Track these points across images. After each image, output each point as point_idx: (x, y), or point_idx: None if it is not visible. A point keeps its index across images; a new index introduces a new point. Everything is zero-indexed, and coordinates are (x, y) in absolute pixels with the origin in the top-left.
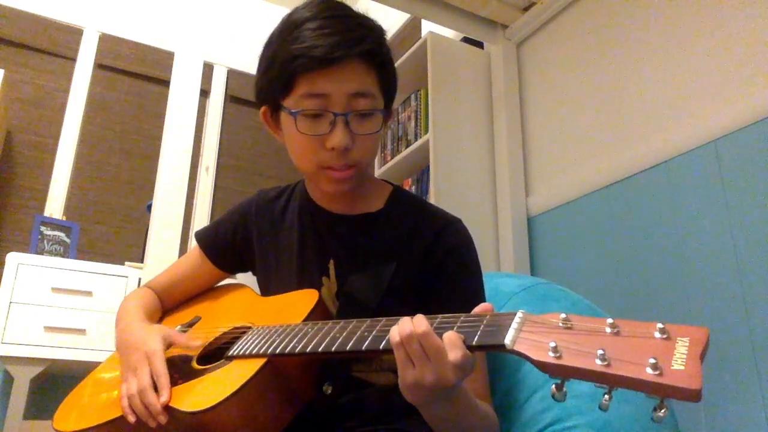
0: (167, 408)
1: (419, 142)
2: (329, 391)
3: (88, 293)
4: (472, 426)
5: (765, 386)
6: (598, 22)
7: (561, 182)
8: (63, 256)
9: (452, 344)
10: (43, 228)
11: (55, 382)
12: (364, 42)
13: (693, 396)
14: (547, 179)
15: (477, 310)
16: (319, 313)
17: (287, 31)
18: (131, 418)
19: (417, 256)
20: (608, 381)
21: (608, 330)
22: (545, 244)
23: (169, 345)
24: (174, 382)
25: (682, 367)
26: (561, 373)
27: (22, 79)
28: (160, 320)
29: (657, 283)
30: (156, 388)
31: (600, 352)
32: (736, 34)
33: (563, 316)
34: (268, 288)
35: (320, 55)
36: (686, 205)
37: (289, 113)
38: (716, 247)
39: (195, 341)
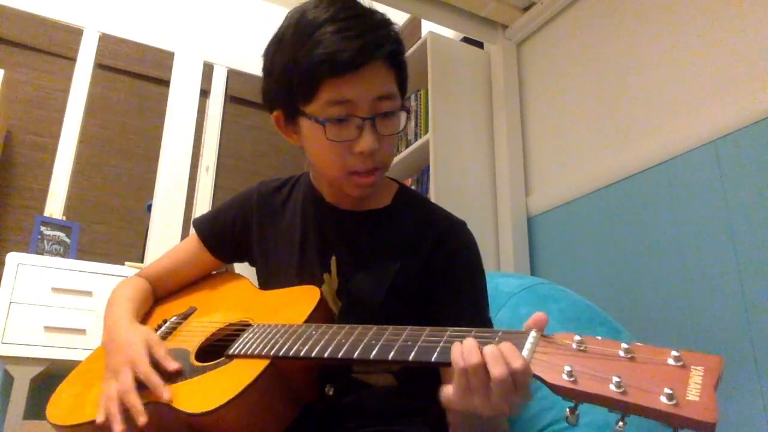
0: (166, 406)
1: (419, 142)
2: (331, 392)
3: (88, 293)
4: None
5: (765, 386)
6: (598, 22)
7: (561, 182)
8: (63, 256)
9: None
10: (43, 228)
11: (55, 382)
12: (386, 44)
13: (708, 429)
14: (547, 179)
15: (529, 323)
16: (321, 312)
17: (303, 34)
18: (100, 419)
19: (421, 257)
20: (623, 408)
21: (623, 354)
22: (545, 244)
23: (149, 353)
24: (173, 380)
25: (697, 398)
26: (576, 398)
27: (22, 79)
28: (152, 309)
29: (657, 283)
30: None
31: (616, 378)
32: (736, 34)
33: (578, 338)
34: (267, 280)
35: (346, 60)
36: (686, 205)
37: (316, 121)
38: (716, 247)
39: (172, 363)
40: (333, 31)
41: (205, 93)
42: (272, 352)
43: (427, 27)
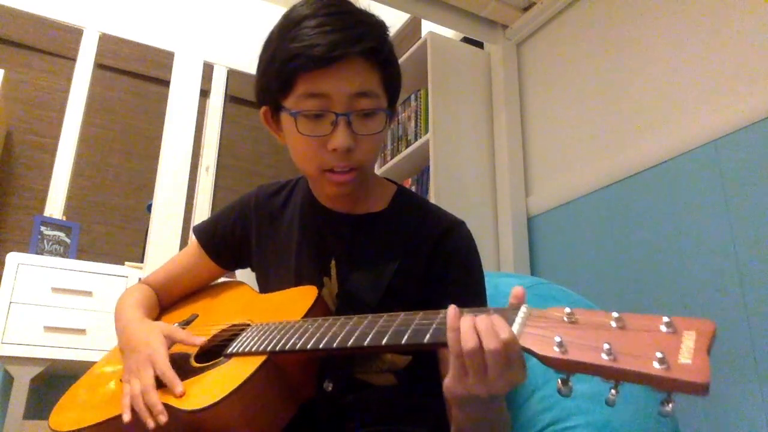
0: (165, 405)
1: (419, 142)
2: (330, 389)
3: (88, 293)
4: (500, 426)
5: (765, 386)
6: (598, 22)
7: (561, 182)
8: (63, 256)
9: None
10: (43, 228)
11: (55, 382)
12: (365, 39)
13: (701, 389)
14: (547, 179)
15: (511, 300)
16: (318, 310)
17: (286, 29)
18: (126, 417)
19: (420, 258)
20: (615, 375)
21: (613, 324)
22: (545, 244)
23: (171, 343)
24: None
25: (689, 361)
26: (567, 368)
27: (22, 79)
28: (157, 318)
29: (657, 283)
30: (162, 388)
31: (606, 346)
32: (736, 35)
33: (567, 310)
34: (267, 285)
35: (320, 54)
36: (686, 205)
37: (290, 114)
38: (716, 247)
39: (198, 337)
40: (312, 26)
41: (205, 93)
42: (269, 348)
43: (427, 27)
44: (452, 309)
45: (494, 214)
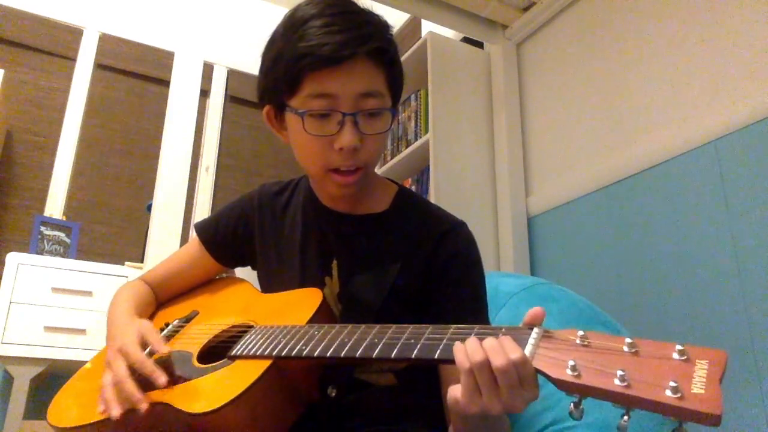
0: (168, 407)
1: (419, 142)
2: (333, 394)
3: (88, 293)
4: (499, 427)
5: (765, 386)
6: (598, 23)
7: (561, 182)
8: (63, 256)
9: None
10: (43, 228)
11: (55, 382)
12: (372, 40)
13: (713, 421)
14: (547, 179)
15: (527, 319)
16: (323, 313)
17: (292, 28)
18: (100, 408)
19: (420, 258)
20: (627, 402)
21: (626, 349)
22: (545, 244)
23: (142, 341)
24: (174, 381)
25: (702, 391)
26: (579, 392)
27: (22, 79)
28: (155, 313)
29: (657, 283)
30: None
31: (620, 372)
32: (736, 35)
33: (581, 333)
34: (269, 285)
35: (327, 54)
36: (686, 205)
37: (296, 113)
38: (716, 247)
39: (163, 347)
40: (319, 25)
41: (205, 93)
42: (274, 353)
43: (427, 27)
44: (458, 344)
45: (494, 214)
